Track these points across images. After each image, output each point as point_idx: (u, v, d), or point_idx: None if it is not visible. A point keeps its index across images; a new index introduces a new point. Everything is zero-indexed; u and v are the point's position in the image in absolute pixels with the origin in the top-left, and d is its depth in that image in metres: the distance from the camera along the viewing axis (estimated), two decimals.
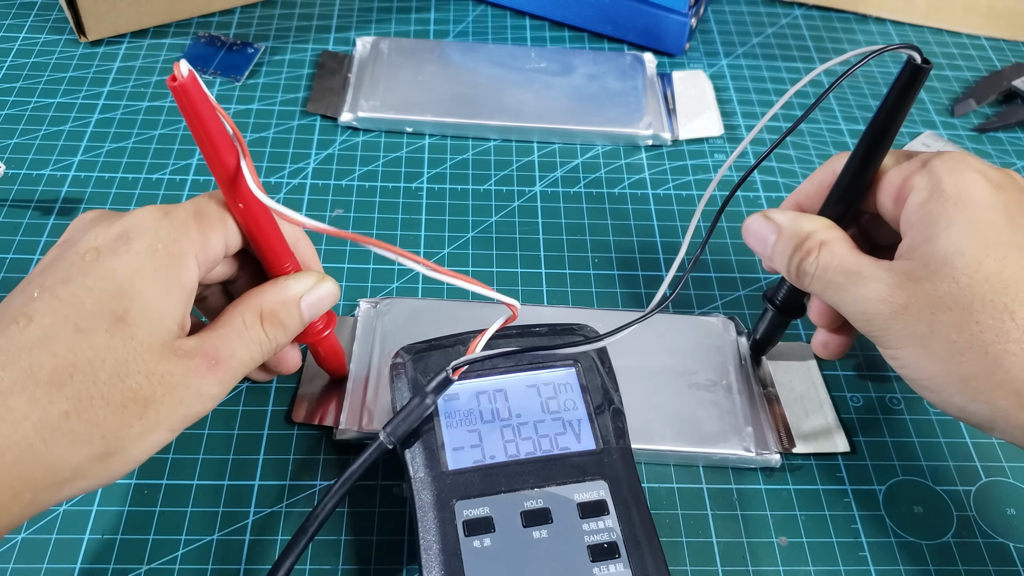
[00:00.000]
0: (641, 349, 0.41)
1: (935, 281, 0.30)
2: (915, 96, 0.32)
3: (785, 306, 0.39)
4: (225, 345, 0.30)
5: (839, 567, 0.36)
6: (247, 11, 0.61)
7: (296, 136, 0.52)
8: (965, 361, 0.30)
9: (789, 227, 0.35)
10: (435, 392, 0.32)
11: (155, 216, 0.30)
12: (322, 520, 0.31)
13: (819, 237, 0.34)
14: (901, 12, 0.65)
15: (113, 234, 0.29)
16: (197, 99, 0.27)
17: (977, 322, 0.30)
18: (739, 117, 0.56)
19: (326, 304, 0.34)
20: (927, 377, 0.32)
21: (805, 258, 0.34)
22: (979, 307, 0.30)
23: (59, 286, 0.28)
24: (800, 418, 0.40)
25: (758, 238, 0.36)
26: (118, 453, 0.28)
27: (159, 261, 0.29)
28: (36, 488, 0.27)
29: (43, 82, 0.54)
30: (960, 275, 0.30)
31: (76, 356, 0.27)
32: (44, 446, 0.26)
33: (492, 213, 0.49)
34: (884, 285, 0.32)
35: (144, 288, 0.28)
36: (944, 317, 0.30)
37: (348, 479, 0.32)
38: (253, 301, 0.32)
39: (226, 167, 0.29)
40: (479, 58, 0.57)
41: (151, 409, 0.28)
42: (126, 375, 0.28)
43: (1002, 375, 0.29)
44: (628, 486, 0.33)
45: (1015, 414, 0.30)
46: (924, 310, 0.31)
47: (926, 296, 0.31)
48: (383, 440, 0.32)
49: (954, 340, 0.30)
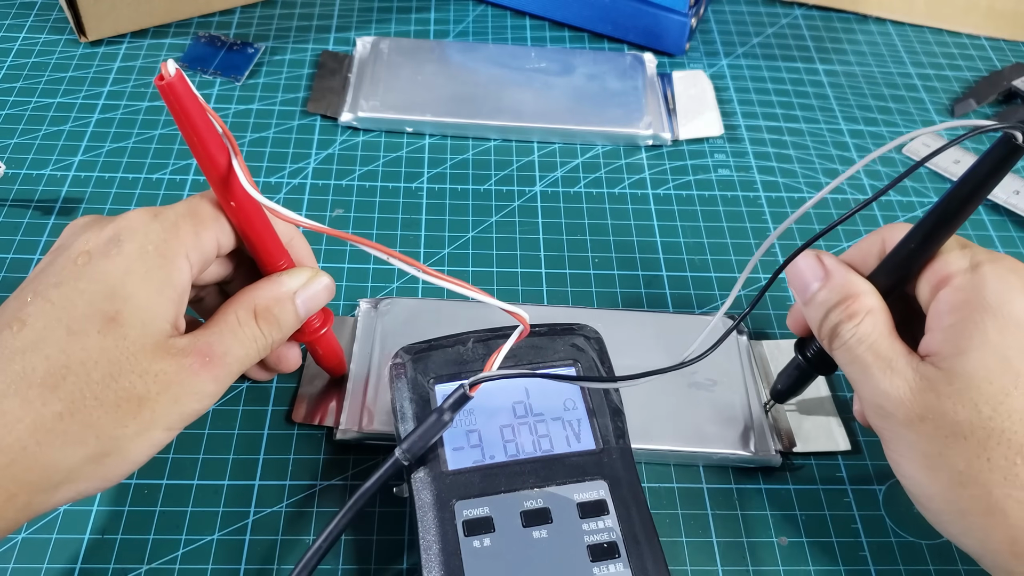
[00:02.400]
0: (641, 349, 0.41)
1: (956, 403, 0.29)
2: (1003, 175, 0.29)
3: (818, 361, 0.35)
4: (219, 342, 0.30)
5: (839, 567, 0.36)
6: (247, 11, 0.61)
7: (296, 136, 0.52)
8: (966, 495, 0.29)
9: (839, 279, 0.32)
10: (452, 409, 0.32)
11: (145, 218, 0.30)
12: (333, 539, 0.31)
13: (868, 303, 0.31)
14: (901, 12, 0.65)
15: (104, 237, 0.29)
16: (185, 98, 0.27)
17: (988, 459, 0.28)
18: (739, 117, 0.56)
19: (321, 299, 0.34)
20: (925, 496, 0.31)
21: (845, 321, 0.31)
22: (994, 444, 0.28)
23: (51, 290, 0.28)
24: (800, 417, 0.40)
25: (801, 279, 0.33)
26: (114, 454, 0.28)
27: (150, 262, 0.29)
28: (31, 491, 0.27)
29: (43, 82, 0.54)
30: (984, 404, 0.28)
31: (69, 358, 0.27)
32: (38, 448, 0.26)
33: (492, 213, 0.49)
34: (907, 387, 0.30)
35: (135, 289, 0.29)
36: (957, 445, 0.29)
37: (362, 496, 0.32)
38: (247, 298, 0.32)
39: (217, 166, 0.29)
40: (479, 58, 0.57)
41: (146, 408, 0.28)
42: (119, 375, 0.28)
43: (1000, 519, 0.28)
44: (628, 486, 0.33)
45: (1005, 559, 0.29)
46: (939, 430, 0.29)
47: (944, 416, 0.29)
48: (399, 457, 0.32)
49: (961, 471, 0.29)
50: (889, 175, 0.53)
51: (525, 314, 0.32)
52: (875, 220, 0.50)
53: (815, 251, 0.33)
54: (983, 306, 0.29)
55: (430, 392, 0.34)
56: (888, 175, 0.53)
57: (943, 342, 0.30)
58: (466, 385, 0.31)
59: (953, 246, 0.31)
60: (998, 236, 0.50)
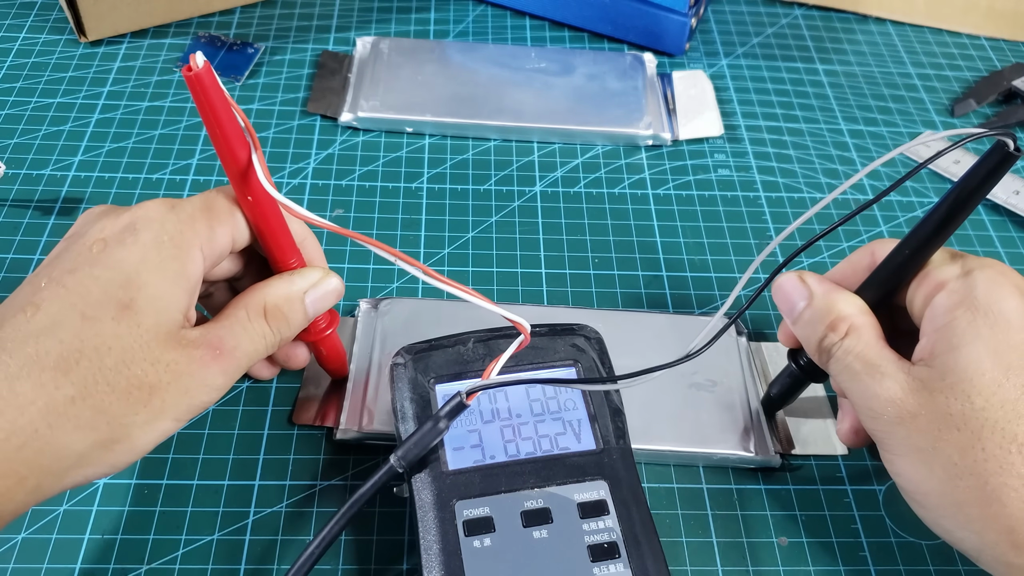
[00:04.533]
0: (641, 349, 0.41)
1: (949, 396, 0.29)
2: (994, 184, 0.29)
3: (810, 368, 0.36)
4: (229, 336, 0.30)
5: (839, 567, 0.36)
6: (247, 11, 0.61)
7: (296, 136, 0.52)
8: (962, 487, 0.29)
9: (822, 301, 0.33)
10: (448, 417, 0.32)
11: (162, 209, 0.30)
12: (327, 544, 0.31)
13: (853, 317, 0.32)
14: (901, 12, 0.65)
15: (120, 226, 0.30)
16: (212, 90, 0.27)
17: (983, 448, 0.29)
18: (739, 117, 0.56)
19: (330, 300, 0.34)
20: (920, 493, 0.31)
21: (832, 336, 0.32)
22: (988, 433, 0.28)
23: (66, 276, 0.28)
24: (798, 421, 0.40)
25: (787, 300, 0.34)
26: (123, 440, 0.28)
27: (165, 252, 0.29)
28: (41, 474, 0.27)
29: (43, 82, 0.54)
30: (976, 395, 0.29)
31: (82, 343, 0.27)
32: (50, 431, 0.26)
33: (492, 213, 0.49)
34: (899, 387, 0.30)
35: (150, 278, 0.29)
36: (950, 436, 0.29)
37: (356, 503, 0.31)
38: (258, 294, 0.32)
39: (237, 160, 0.29)
40: (479, 58, 0.57)
41: (156, 397, 0.28)
42: (132, 362, 0.28)
43: (997, 508, 0.28)
44: (628, 486, 0.33)
45: (1003, 550, 0.29)
46: (932, 424, 0.29)
47: (937, 410, 0.29)
48: (393, 464, 0.32)
49: (956, 463, 0.29)
50: (890, 175, 0.53)
51: (527, 324, 0.32)
52: (875, 220, 0.50)
53: (797, 272, 0.35)
54: (974, 306, 0.30)
55: (430, 392, 0.34)
56: (888, 175, 0.53)
57: (936, 342, 0.30)
58: (463, 393, 0.31)
59: (943, 256, 0.32)
60: (998, 236, 0.50)
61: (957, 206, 0.30)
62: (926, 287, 0.32)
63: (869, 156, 0.54)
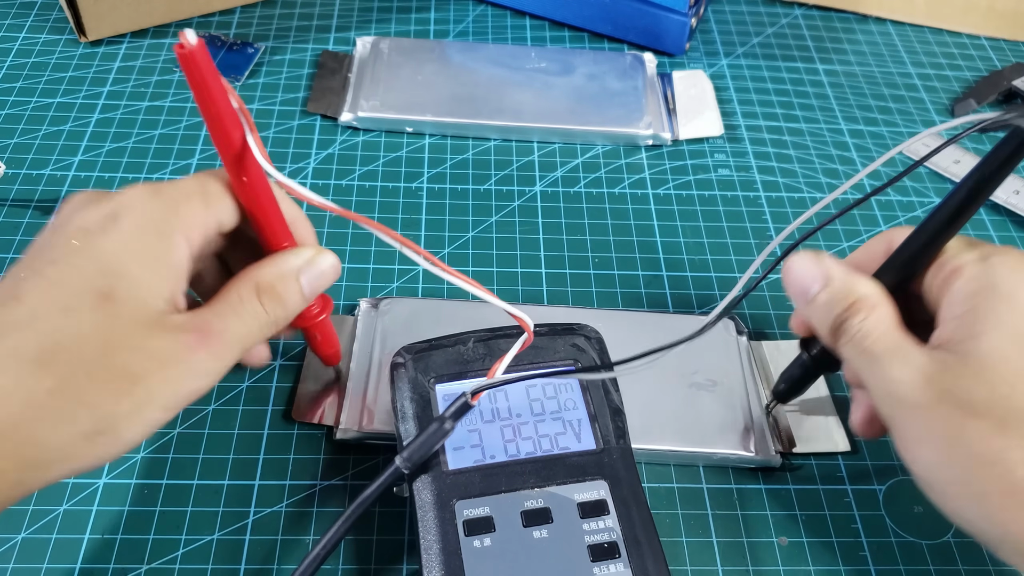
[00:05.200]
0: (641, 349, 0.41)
1: (972, 383, 0.28)
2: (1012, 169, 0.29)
3: (822, 357, 0.35)
4: (218, 319, 0.30)
5: (839, 567, 0.36)
6: (247, 11, 0.61)
7: (296, 136, 0.52)
8: (985, 476, 0.28)
9: (841, 283, 0.32)
10: (454, 417, 0.32)
11: (144, 194, 0.30)
12: (332, 547, 0.31)
13: (872, 299, 0.31)
14: (901, 12, 0.65)
15: (102, 214, 0.29)
16: (205, 68, 0.26)
17: (1008, 437, 0.28)
18: (739, 117, 0.56)
19: (327, 278, 0.33)
20: (940, 482, 0.30)
21: (851, 318, 0.31)
22: (1013, 422, 0.28)
23: (47, 267, 0.28)
24: (800, 417, 0.40)
25: (799, 282, 0.33)
26: (107, 432, 0.27)
27: (146, 239, 0.29)
28: (22, 468, 0.26)
29: (43, 82, 0.54)
30: (1001, 383, 0.28)
31: (62, 334, 0.27)
32: (30, 425, 0.26)
33: (492, 213, 0.49)
34: (919, 373, 0.29)
35: (131, 266, 0.28)
36: (973, 425, 0.28)
37: (361, 504, 0.31)
38: (249, 276, 0.31)
39: (231, 140, 0.29)
40: (479, 58, 0.57)
41: (140, 386, 0.28)
42: (112, 352, 0.27)
43: (1022, 499, 0.28)
44: (628, 486, 0.33)
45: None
46: (954, 412, 0.29)
47: (960, 397, 0.28)
48: (399, 465, 0.32)
49: (980, 452, 0.28)
50: (889, 175, 0.53)
51: (531, 322, 0.32)
52: (875, 220, 0.50)
53: (812, 252, 0.33)
54: (995, 292, 0.29)
55: (430, 392, 0.34)
56: (888, 175, 0.53)
57: (956, 329, 0.30)
58: (468, 394, 0.31)
59: (960, 243, 0.32)
60: (998, 236, 0.50)
61: (975, 192, 0.30)
62: (943, 274, 0.31)
63: (869, 156, 0.54)
